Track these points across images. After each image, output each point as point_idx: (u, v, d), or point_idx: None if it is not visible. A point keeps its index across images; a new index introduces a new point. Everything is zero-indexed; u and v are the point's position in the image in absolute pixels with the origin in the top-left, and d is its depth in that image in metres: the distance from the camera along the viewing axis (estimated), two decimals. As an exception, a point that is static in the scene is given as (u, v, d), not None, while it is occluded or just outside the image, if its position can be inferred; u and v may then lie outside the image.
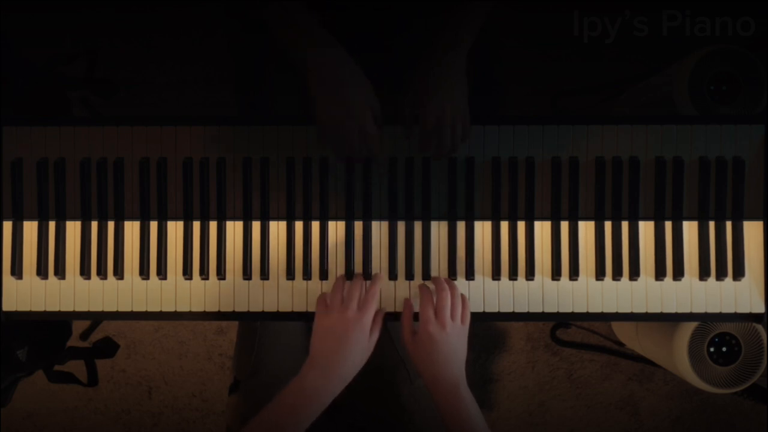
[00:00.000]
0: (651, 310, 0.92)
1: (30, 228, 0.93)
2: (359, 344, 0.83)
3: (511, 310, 0.92)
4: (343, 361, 0.82)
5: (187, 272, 0.92)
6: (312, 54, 0.81)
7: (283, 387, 0.82)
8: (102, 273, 0.92)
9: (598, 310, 0.93)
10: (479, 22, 0.86)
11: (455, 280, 0.92)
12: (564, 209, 0.92)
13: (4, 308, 0.93)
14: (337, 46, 0.82)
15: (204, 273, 0.92)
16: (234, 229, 0.93)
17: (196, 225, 0.93)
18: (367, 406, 1.04)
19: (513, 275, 0.92)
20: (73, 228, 0.93)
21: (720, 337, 1.15)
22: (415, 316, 0.88)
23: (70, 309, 0.93)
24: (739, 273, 0.92)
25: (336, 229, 0.93)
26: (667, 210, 0.92)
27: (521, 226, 0.92)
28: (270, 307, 0.93)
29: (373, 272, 0.92)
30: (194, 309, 0.93)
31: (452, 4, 0.85)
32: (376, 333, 0.86)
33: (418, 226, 0.92)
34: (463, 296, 0.89)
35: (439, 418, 0.86)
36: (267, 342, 1.03)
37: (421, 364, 0.85)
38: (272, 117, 0.94)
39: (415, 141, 0.89)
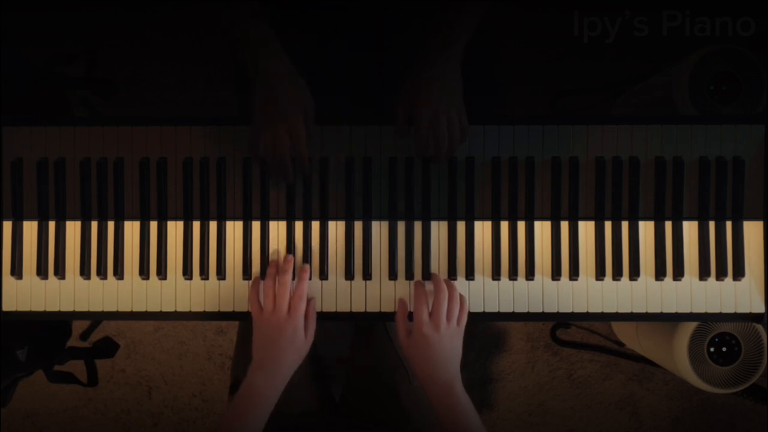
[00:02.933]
0: (651, 310, 0.92)
1: (30, 228, 0.93)
2: (295, 344, 0.86)
3: (511, 310, 0.92)
4: (281, 361, 0.85)
5: (187, 272, 0.92)
6: (251, 54, 0.82)
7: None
8: (102, 273, 0.92)
9: (598, 310, 0.93)
10: (475, 20, 0.86)
11: (455, 280, 0.92)
12: (564, 209, 0.92)
13: (4, 308, 0.93)
14: (280, 50, 0.82)
15: (204, 273, 0.92)
16: (234, 229, 0.93)
17: (196, 225, 0.93)
18: (366, 405, 1.04)
19: (513, 275, 0.92)
20: (73, 228, 0.93)
21: (720, 337, 1.15)
22: (410, 316, 0.88)
23: (70, 309, 0.93)
24: (739, 273, 0.92)
25: (336, 229, 0.93)
26: (667, 210, 0.92)
27: (521, 226, 0.92)
28: (270, 307, 0.93)
29: (301, 267, 0.91)
30: (194, 309, 0.93)
31: (447, 3, 0.85)
32: (312, 327, 0.88)
33: (418, 226, 0.92)
34: (461, 297, 0.89)
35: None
36: (267, 342, 1.03)
37: (416, 364, 0.86)
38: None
39: (412, 141, 0.88)
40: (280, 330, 0.85)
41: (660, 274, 0.92)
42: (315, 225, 0.92)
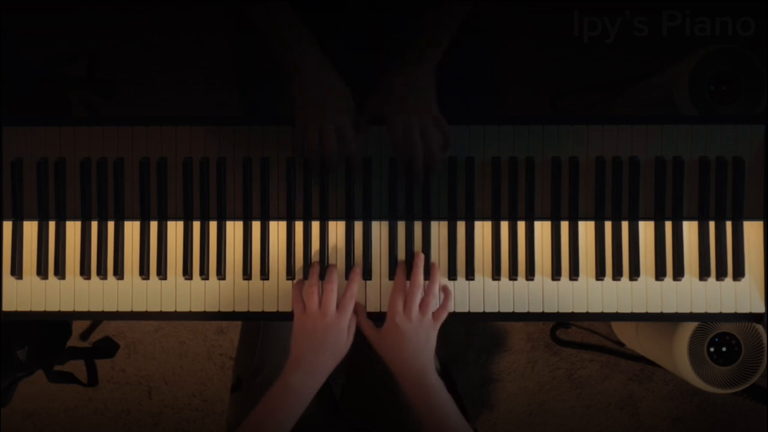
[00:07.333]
0: (651, 310, 0.92)
1: (30, 228, 0.93)
2: (339, 344, 0.85)
3: (511, 310, 0.92)
4: (324, 360, 0.84)
5: (187, 272, 0.92)
6: (295, 54, 0.83)
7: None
8: (102, 273, 0.92)
9: (598, 310, 0.93)
10: (454, 22, 0.86)
11: (455, 280, 0.92)
12: (564, 209, 0.92)
13: (4, 308, 0.93)
14: (318, 48, 0.83)
15: (204, 273, 0.92)
16: (234, 229, 0.93)
17: (196, 225, 0.93)
18: (366, 404, 1.04)
19: (513, 275, 0.92)
20: (73, 228, 0.93)
21: (720, 337, 1.15)
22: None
23: (70, 309, 0.93)
24: (739, 273, 0.92)
25: (336, 229, 0.93)
26: (667, 210, 0.92)
27: (521, 226, 0.92)
28: (270, 307, 0.93)
29: (354, 266, 0.92)
30: (194, 309, 0.93)
31: (426, 5, 0.86)
32: (353, 329, 0.88)
33: (418, 226, 0.92)
34: (446, 295, 0.89)
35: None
36: (270, 341, 1.03)
37: (386, 355, 0.86)
38: (272, 117, 0.94)
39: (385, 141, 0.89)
40: (327, 329, 0.84)
41: (660, 274, 0.92)
42: (315, 225, 0.92)
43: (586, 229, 0.92)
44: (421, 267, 0.89)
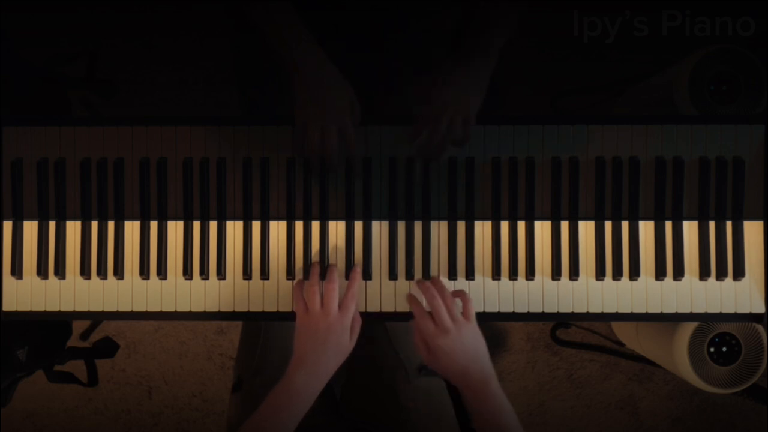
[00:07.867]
0: (651, 310, 0.92)
1: (30, 228, 0.93)
2: (341, 344, 0.85)
3: (511, 310, 0.92)
4: (327, 360, 0.84)
5: (187, 272, 0.92)
6: (295, 54, 0.83)
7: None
8: (102, 273, 0.92)
9: (598, 310, 0.93)
10: (512, 27, 0.87)
11: (455, 280, 0.92)
12: (564, 209, 0.92)
13: (4, 308, 0.93)
14: (318, 48, 0.84)
15: (204, 273, 0.92)
16: (234, 229, 0.93)
17: (196, 225, 0.93)
18: (366, 403, 1.04)
19: (513, 275, 0.92)
20: (73, 228, 0.93)
21: (720, 337, 1.15)
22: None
23: (70, 309, 0.93)
24: (739, 273, 0.92)
25: (336, 229, 0.93)
26: (667, 210, 0.92)
27: (521, 226, 0.92)
28: (270, 307, 0.93)
29: (354, 266, 0.92)
30: (194, 309, 0.93)
31: (489, 6, 0.86)
32: (357, 330, 0.87)
33: (418, 226, 0.92)
34: (462, 292, 0.89)
35: (438, 416, 0.85)
36: (270, 341, 1.03)
37: (446, 376, 0.85)
38: (272, 117, 0.94)
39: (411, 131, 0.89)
40: (329, 328, 0.84)
41: (660, 274, 0.92)
42: (315, 225, 0.92)
43: (586, 229, 0.92)
44: (428, 283, 0.89)
